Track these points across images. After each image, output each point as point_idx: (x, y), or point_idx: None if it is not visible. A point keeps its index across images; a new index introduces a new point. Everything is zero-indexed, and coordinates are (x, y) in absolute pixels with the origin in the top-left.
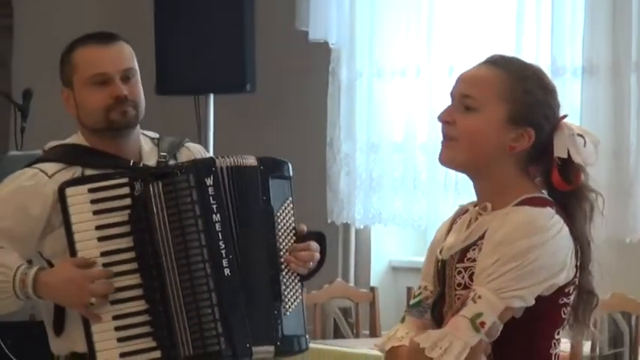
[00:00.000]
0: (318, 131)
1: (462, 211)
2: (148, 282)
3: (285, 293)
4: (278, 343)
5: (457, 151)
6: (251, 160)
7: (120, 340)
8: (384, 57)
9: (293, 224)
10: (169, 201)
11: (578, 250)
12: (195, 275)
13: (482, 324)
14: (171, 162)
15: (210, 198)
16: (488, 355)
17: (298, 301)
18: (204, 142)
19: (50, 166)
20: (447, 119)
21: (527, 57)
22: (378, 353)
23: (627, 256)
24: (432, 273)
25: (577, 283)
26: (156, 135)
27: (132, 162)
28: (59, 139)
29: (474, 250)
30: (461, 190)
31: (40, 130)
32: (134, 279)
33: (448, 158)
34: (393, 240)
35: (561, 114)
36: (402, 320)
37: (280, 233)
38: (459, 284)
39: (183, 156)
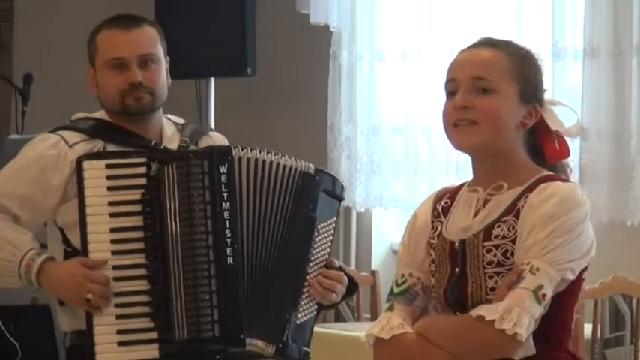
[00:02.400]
0: (319, 115)
1: (444, 194)
2: (152, 262)
3: (302, 303)
4: (280, 345)
5: (478, 134)
6: (308, 167)
7: (118, 317)
8: (385, 40)
9: (329, 245)
10: (181, 184)
11: None
12: (198, 260)
13: (544, 296)
14: (192, 148)
15: (222, 186)
16: None
17: (311, 315)
18: (204, 126)
19: (72, 135)
20: (465, 104)
21: (528, 40)
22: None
23: (628, 239)
24: (418, 259)
25: None
26: (181, 121)
27: (153, 143)
28: (59, 123)
29: (499, 227)
30: (462, 173)
31: (41, 114)
32: (139, 258)
33: (468, 143)
34: (394, 223)
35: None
36: (391, 309)
37: (315, 245)
38: (490, 262)
39: (205, 144)
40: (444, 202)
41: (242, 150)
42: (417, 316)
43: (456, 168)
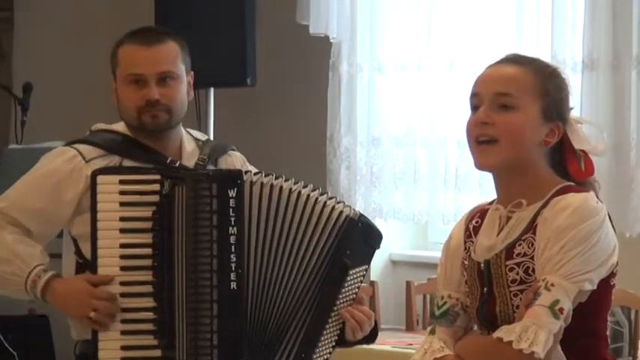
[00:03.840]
0: (318, 125)
1: (475, 213)
2: (159, 280)
3: (319, 345)
4: None
5: (499, 153)
6: (352, 212)
7: (123, 333)
8: (385, 51)
9: (356, 291)
10: (190, 206)
11: None
12: (201, 284)
13: (561, 310)
14: (210, 166)
15: (231, 210)
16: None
17: (326, 357)
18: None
19: (90, 150)
20: (486, 120)
21: (528, 51)
22: (378, 347)
23: (627, 250)
24: (454, 280)
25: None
26: (203, 137)
27: (169, 159)
28: (59, 133)
29: (520, 245)
30: (461, 185)
31: (41, 124)
32: (146, 275)
33: (490, 162)
34: (394, 234)
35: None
36: (432, 332)
37: (343, 291)
38: (514, 280)
39: (224, 163)
40: (475, 221)
41: (257, 175)
42: (460, 337)
43: (455, 179)
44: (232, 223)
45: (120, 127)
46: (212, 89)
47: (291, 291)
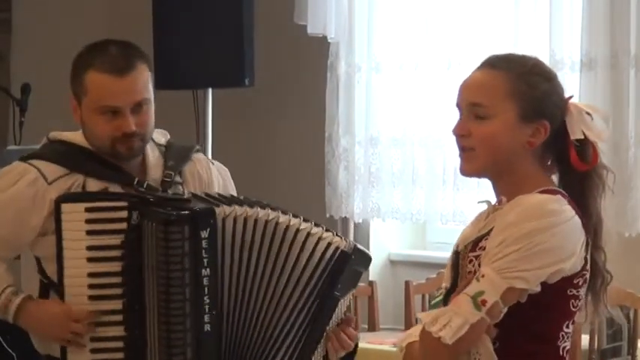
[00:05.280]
0: (316, 125)
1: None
2: (129, 310)
3: None
4: None
5: (477, 160)
6: (344, 244)
7: None
8: (383, 51)
9: (342, 315)
10: (160, 248)
11: (588, 243)
12: (173, 329)
13: (484, 302)
14: (176, 178)
15: (203, 251)
16: (494, 342)
17: None
18: (202, 137)
19: (51, 170)
20: (462, 132)
21: (526, 51)
22: (375, 347)
23: (626, 250)
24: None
25: (587, 277)
26: (164, 139)
27: (136, 180)
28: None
29: (486, 239)
30: (459, 184)
31: (39, 125)
32: (116, 304)
33: (470, 169)
34: (392, 234)
35: (566, 95)
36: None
37: (332, 320)
38: (470, 272)
39: (189, 172)
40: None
41: (230, 207)
42: None
43: (454, 179)
44: (205, 264)
45: (78, 137)
46: (210, 90)
47: (274, 326)
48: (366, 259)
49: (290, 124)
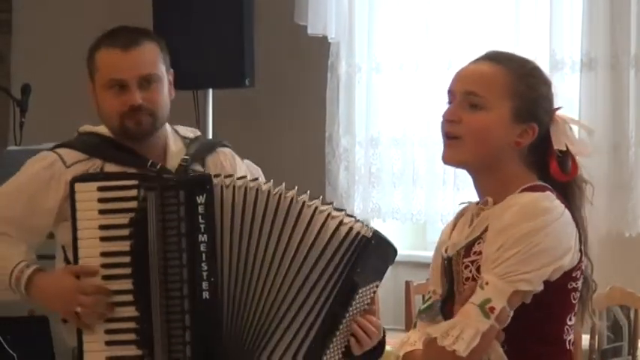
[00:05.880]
0: (317, 126)
1: (463, 210)
2: (138, 289)
3: None
4: None
5: (462, 150)
6: (367, 231)
7: (108, 343)
8: (383, 51)
9: (365, 307)
10: (158, 214)
11: (581, 235)
12: (172, 295)
13: (492, 309)
14: (197, 166)
15: (200, 217)
16: (502, 346)
17: None
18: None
19: (71, 155)
20: (452, 118)
21: (526, 51)
22: None
23: (626, 249)
24: (438, 276)
25: (583, 268)
26: (192, 134)
27: (150, 162)
28: (57, 135)
29: (479, 243)
30: (460, 184)
31: (39, 126)
32: (126, 284)
33: (453, 157)
34: (392, 234)
35: (555, 106)
36: (414, 326)
37: (350, 309)
38: (467, 278)
39: (212, 162)
40: (462, 217)
41: (229, 178)
42: None
43: (454, 179)
44: (202, 230)
45: (104, 129)
46: (210, 90)
47: (280, 302)
48: (390, 250)
49: (290, 124)
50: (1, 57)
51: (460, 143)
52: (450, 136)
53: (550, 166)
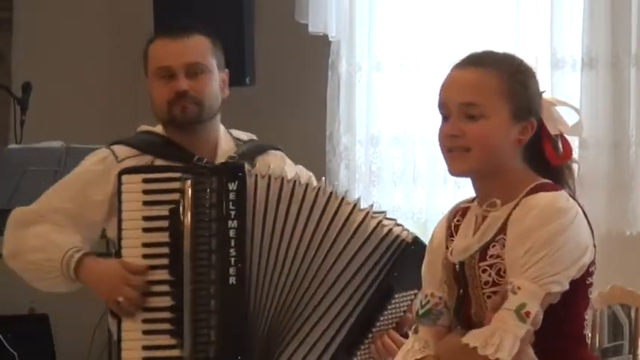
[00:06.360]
0: (317, 124)
1: (457, 211)
2: (173, 279)
3: None
4: None
5: (471, 160)
6: (408, 236)
7: (144, 332)
8: (384, 50)
9: (401, 314)
10: (193, 202)
11: (591, 228)
12: (200, 279)
13: (528, 314)
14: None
15: (230, 203)
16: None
17: None
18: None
19: (124, 150)
20: (456, 133)
21: (526, 50)
22: None
23: (627, 248)
24: (437, 279)
25: (595, 262)
26: (247, 137)
27: (196, 157)
28: (58, 133)
29: (494, 246)
30: (460, 182)
31: (40, 124)
32: (164, 275)
33: (461, 169)
34: None
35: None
36: (416, 331)
37: (385, 313)
38: (487, 282)
39: (261, 162)
40: (457, 219)
41: (266, 169)
42: (443, 336)
43: (455, 178)
44: (232, 216)
45: (160, 128)
46: None
47: (310, 298)
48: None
49: (291, 122)
50: (2, 55)
51: (468, 155)
52: (453, 150)
53: (545, 151)
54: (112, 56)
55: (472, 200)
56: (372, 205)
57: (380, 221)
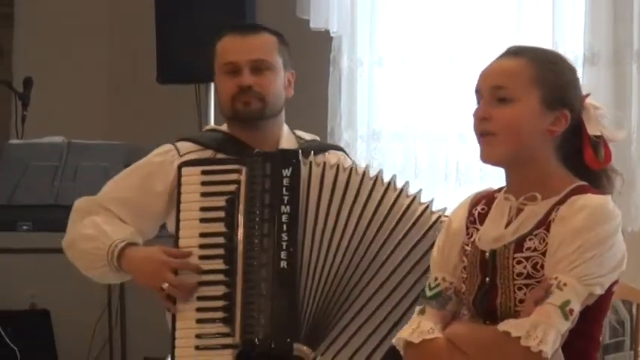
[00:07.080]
0: (318, 120)
1: (480, 199)
2: (228, 268)
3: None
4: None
5: (499, 146)
6: (436, 216)
7: (198, 321)
8: (385, 46)
9: None
10: (246, 187)
11: None
12: (251, 262)
13: (571, 311)
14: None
15: (284, 189)
16: None
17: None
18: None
19: (186, 146)
20: (483, 115)
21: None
22: None
23: (629, 245)
24: (451, 264)
25: None
26: (310, 137)
27: (256, 151)
28: (59, 128)
29: (531, 239)
30: (462, 179)
31: (41, 119)
32: (219, 264)
33: (491, 155)
34: None
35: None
36: (422, 312)
37: None
38: (520, 274)
39: (321, 159)
40: (481, 208)
41: (321, 157)
42: (448, 321)
43: (456, 174)
44: (285, 201)
45: (225, 127)
46: (212, 84)
47: (363, 289)
48: None
49: (292, 118)
50: (3, 50)
51: (494, 139)
52: (484, 134)
53: (585, 154)
54: (112, 51)
55: (497, 190)
56: (432, 200)
57: (440, 216)
